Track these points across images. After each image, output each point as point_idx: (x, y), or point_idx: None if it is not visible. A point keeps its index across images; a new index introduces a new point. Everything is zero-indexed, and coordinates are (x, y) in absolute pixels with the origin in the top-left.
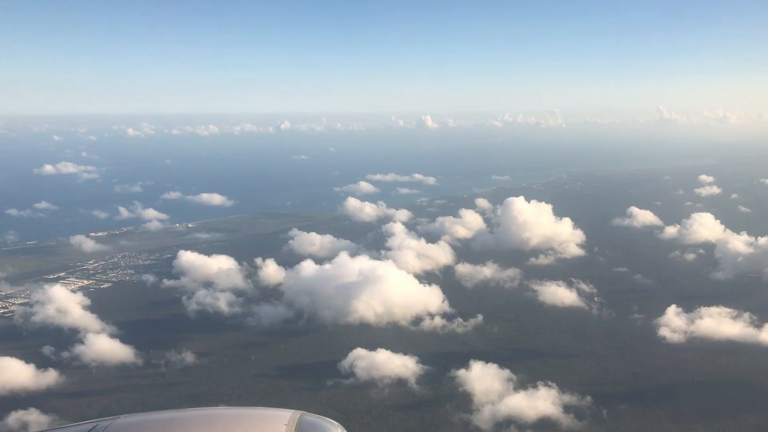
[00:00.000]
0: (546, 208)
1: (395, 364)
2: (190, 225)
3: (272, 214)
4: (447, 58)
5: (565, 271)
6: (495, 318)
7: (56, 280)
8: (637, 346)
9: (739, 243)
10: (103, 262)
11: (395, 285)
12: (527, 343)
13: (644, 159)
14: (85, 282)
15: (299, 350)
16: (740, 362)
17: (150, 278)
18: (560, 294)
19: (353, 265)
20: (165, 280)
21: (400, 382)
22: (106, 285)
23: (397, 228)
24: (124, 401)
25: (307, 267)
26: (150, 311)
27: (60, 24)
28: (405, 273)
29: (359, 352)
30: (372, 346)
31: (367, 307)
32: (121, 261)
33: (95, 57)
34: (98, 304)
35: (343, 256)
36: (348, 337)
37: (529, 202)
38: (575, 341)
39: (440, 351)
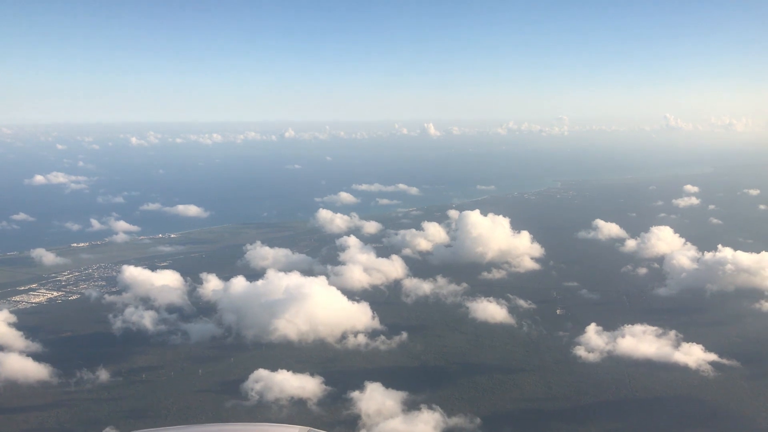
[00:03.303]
0: (503, 222)
1: (293, 386)
2: (172, 236)
3: (245, 225)
4: (452, 66)
5: (514, 285)
6: (421, 335)
7: (26, 292)
8: (554, 365)
9: (685, 258)
10: (77, 273)
11: (322, 302)
12: (445, 361)
13: (643, 167)
14: (55, 293)
15: (214, 370)
16: (655, 380)
17: (93, 293)
18: (491, 310)
19: (280, 282)
20: (107, 296)
21: (300, 403)
22: (74, 297)
23: (351, 242)
24: (33, 420)
25: (237, 284)
26: (83, 327)
27: (73, 35)
28: (335, 289)
29: (261, 373)
30: (287, 366)
31: (289, 326)
32: (95, 272)
33: (106, 67)
34: (32, 321)
35: (271, 273)
36: (266, 356)
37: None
38: (494, 359)
39: (353, 369)
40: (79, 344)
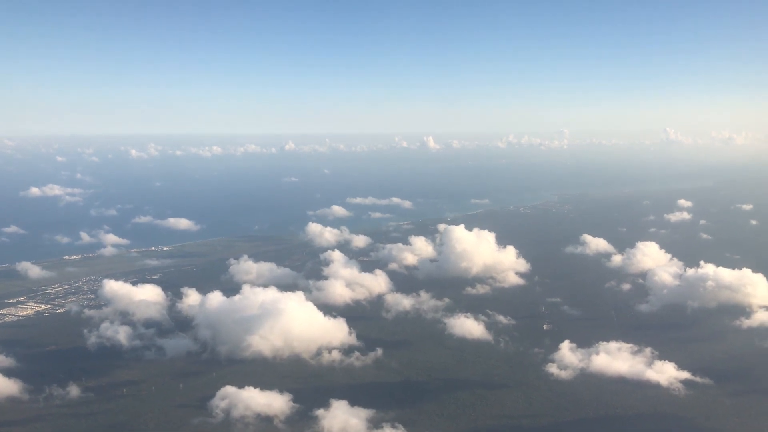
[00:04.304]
0: (488, 237)
1: (259, 403)
2: (165, 248)
3: (238, 238)
4: (454, 79)
5: (496, 300)
6: (397, 351)
7: (14, 305)
8: (526, 382)
9: (667, 275)
10: (67, 286)
11: (297, 318)
12: (420, 377)
13: (641, 181)
14: (43, 306)
15: (194, 385)
16: (628, 398)
17: (74, 308)
18: (468, 326)
19: (256, 298)
20: (86, 310)
21: (266, 420)
22: (61, 310)
23: (336, 256)
24: None
25: (213, 299)
26: (68, 341)
27: (79, 48)
28: (311, 305)
29: (228, 390)
30: (260, 382)
31: (263, 342)
32: (85, 285)
33: (109, 79)
34: (17, 335)
35: (247, 288)
36: (240, 372)
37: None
38: (470, 375)
39: (326, 386)
40: (63, 358)
